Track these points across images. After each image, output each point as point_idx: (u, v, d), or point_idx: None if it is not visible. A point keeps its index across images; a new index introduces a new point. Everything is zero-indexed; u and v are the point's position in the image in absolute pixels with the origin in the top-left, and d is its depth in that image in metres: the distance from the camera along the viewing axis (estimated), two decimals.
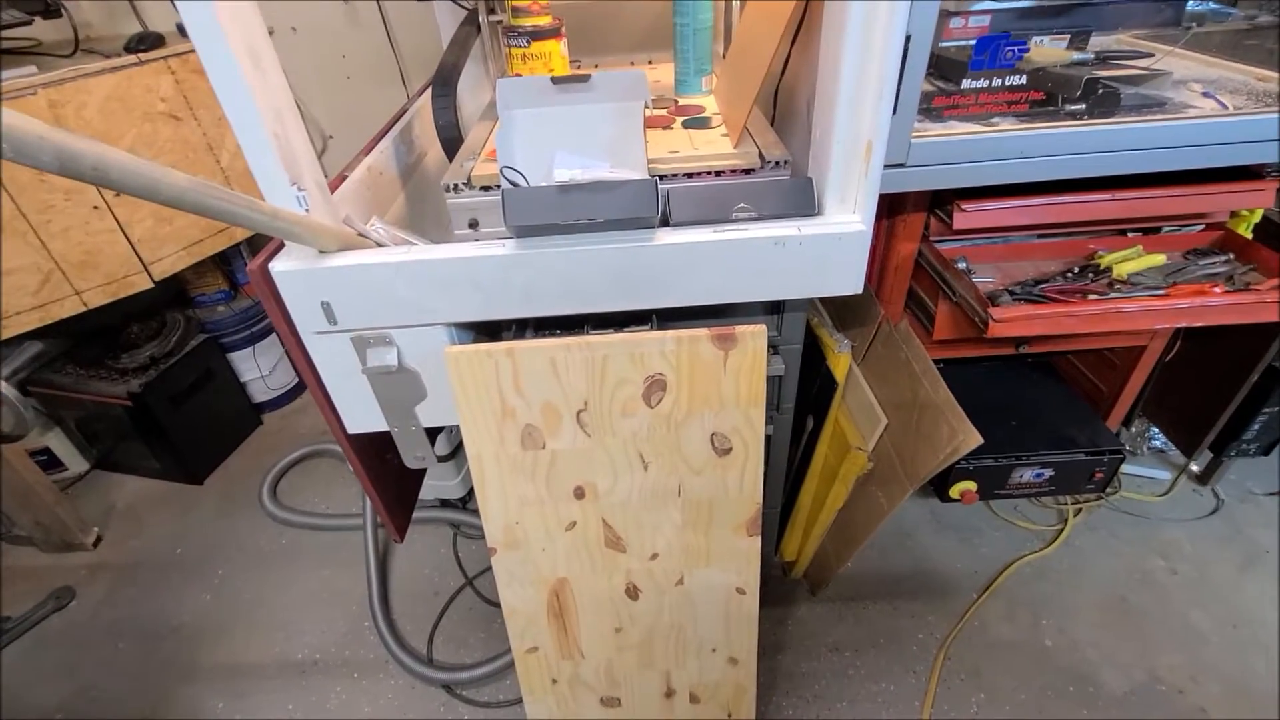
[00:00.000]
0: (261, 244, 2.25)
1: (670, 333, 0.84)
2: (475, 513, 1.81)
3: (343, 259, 0.80)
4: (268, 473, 2.02)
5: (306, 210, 0.78)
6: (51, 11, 1.51)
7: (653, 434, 0.91)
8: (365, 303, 0.82)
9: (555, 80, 0.79)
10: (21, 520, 1.78)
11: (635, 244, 0.79)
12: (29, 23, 1.42)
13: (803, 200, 0.81)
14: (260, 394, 2.28)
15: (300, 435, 2.22)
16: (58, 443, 2.02)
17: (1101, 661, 1.42)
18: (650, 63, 1.48)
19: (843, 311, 1.42)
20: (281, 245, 0.84)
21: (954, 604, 1.54)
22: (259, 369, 2.21)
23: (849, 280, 0.84)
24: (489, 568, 1.70)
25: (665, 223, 0.82)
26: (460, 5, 1.52)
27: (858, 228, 0.79)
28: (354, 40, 1.90)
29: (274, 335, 2.24)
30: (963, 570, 1.62)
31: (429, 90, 1.43)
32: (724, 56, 1.33)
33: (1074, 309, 1.07)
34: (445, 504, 1.83)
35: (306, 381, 0.93)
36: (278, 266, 0.79)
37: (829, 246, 0.80)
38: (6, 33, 1.52)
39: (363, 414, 0.96)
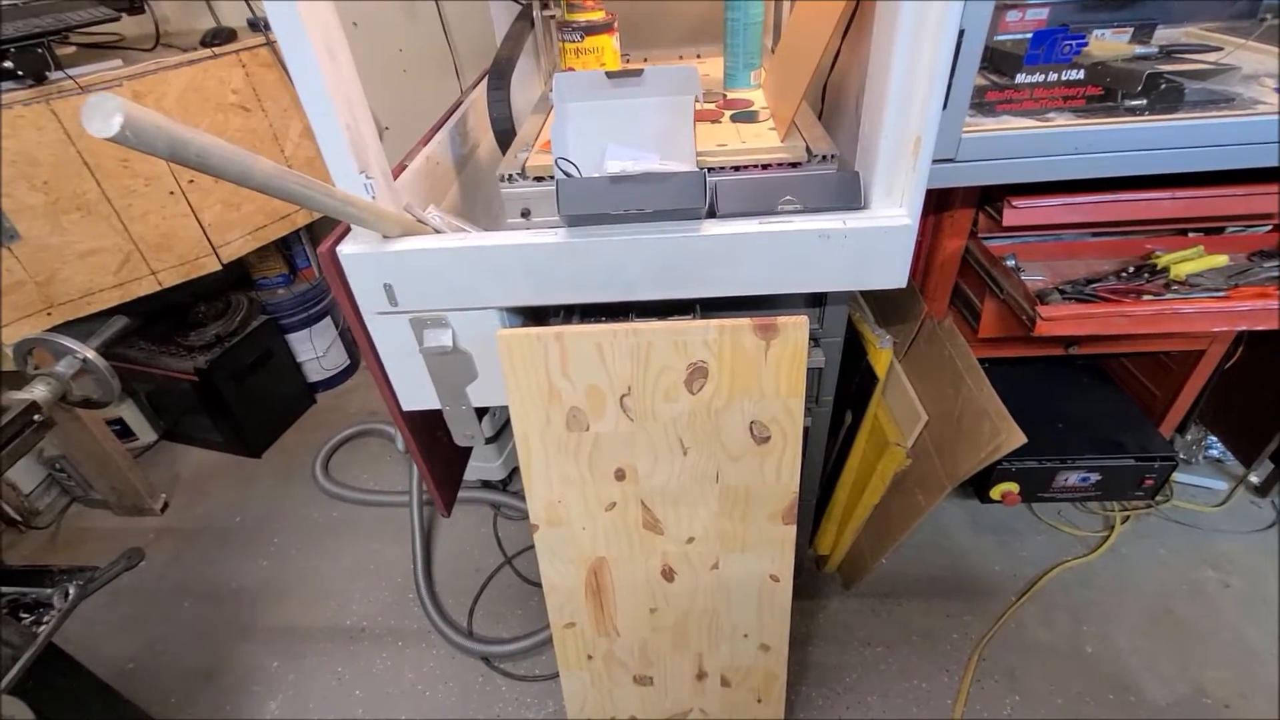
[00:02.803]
0: (321, 232, 2.35)
1: (713, 322, 0.86)
2: (515, 494, 1.87)
3: (405, 244, 0.85)
4: (320, 449, 2.11)
5: (373, 197, 0.82)
6: (136, 8, 1.61)
7: (693, 420, 0.93)
8: (424, 286, 0.87)
9: (610, 75, 0.82)
10: (99, 484, 1.91)
11: (682, 234, 0.81)
12: (117, 18, 1.52)
13: (849, 194, 0.82)
14: (314, 374, 2.38)
15: (351, 414, 2.32)
16: (130, 414, 2.16)
17: (1144, 671, 1.39)
18: (699, 56, 1.50)
19: (885, 306, 1.41)
20: (348, 230, 0.90)
21: (991, 605, 1.53)
22: (314, 350, 2.31)
23: (893, 275, 0.84)
24: (527, 548, 1.76)
25: (712, 214, 0.84)
26: (515, 0, 1.56)
27: (903, 222, 0.80)
28: (411, 35, 1.96)
29: (329, 318, 2.34)
30: (1001, 573, 1.60)
31: (483, 83, 1.48)
32: (773, 51, 1.34)
33: (1127, 309, 1.05)
34: (487, 485, 1.90)
35: (366, 359, 0.98)
36: (345, 250, 0.84)
37: (874, 240, 0.81)
38: (93, 27, 1.62)
39: (417, 392, 1.01)
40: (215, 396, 2.01)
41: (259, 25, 1.79)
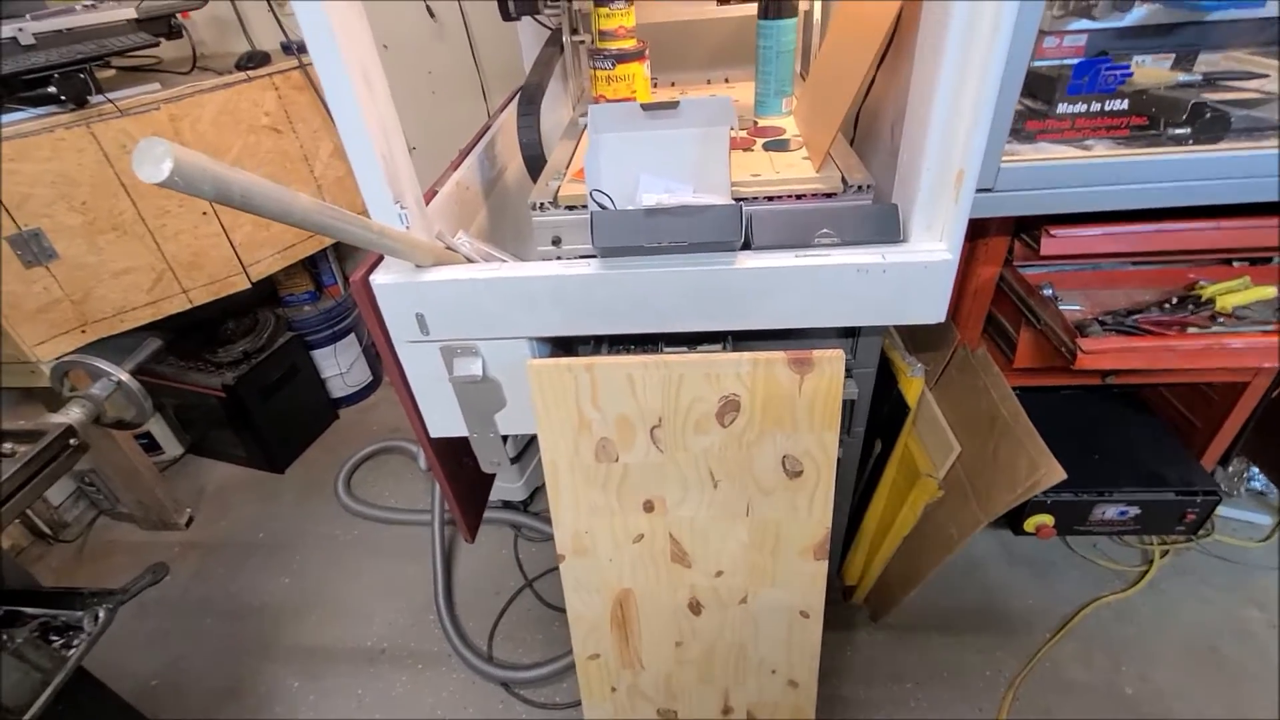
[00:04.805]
0: (347, 249, 2.38)
1: (746, 355, 0.85)
2: (537, 515, 1.86)
3: (437, 274, 0.84)
4: (342, 466, 2.12)
5: (407, 226, 0.82)
6: (174, 33, 1.64)
7: (724, 453, 0.92)
8: (456, 315, 0.86)
9: (645, 106, 0.81)
10: (126, 498, 1.93)
11: (716, 267, 0.80)
12: (156, 43, 1.56)
13: (887, 227, 0.81)
14: (338, 390, 2.40)
15: (373, 431, 2.33)
16: (157, 428, 2.18)
17: (1188, 715, 1.33)
18: (726, 80, 1.49)
19: (916, 333, 1.39)
20: (380, 258, 0.90)
21: (1025, 642, 1.48)
22: (339, 366, 2.33)
23: (932, 310, 0.83)
24: (549, 570, 1.74)
25: (746, 246, 0.83)
26: (544, 25, 1.57)
27: (944, 257, 0.78)
28: (440, 57, 1.98)
29: (353, 335, 2.36)
30: (1035, 607, 1.55)
31: (511, 106, 1.49)
32: (802, 78, 1.33)
33: (1172, 343, 1.02)
34: (508, 505, 1.89)
35: (395, 386, 0.98)
36: (379, 280, 0.84)
37: (914, 275, 0.79)
38: (132, 51, 1.66)
39: (445, 419, 1.01)
40: (242, 412, 2.03)
41: (292, 49, 1.82)
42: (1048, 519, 1.37)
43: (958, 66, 0.70)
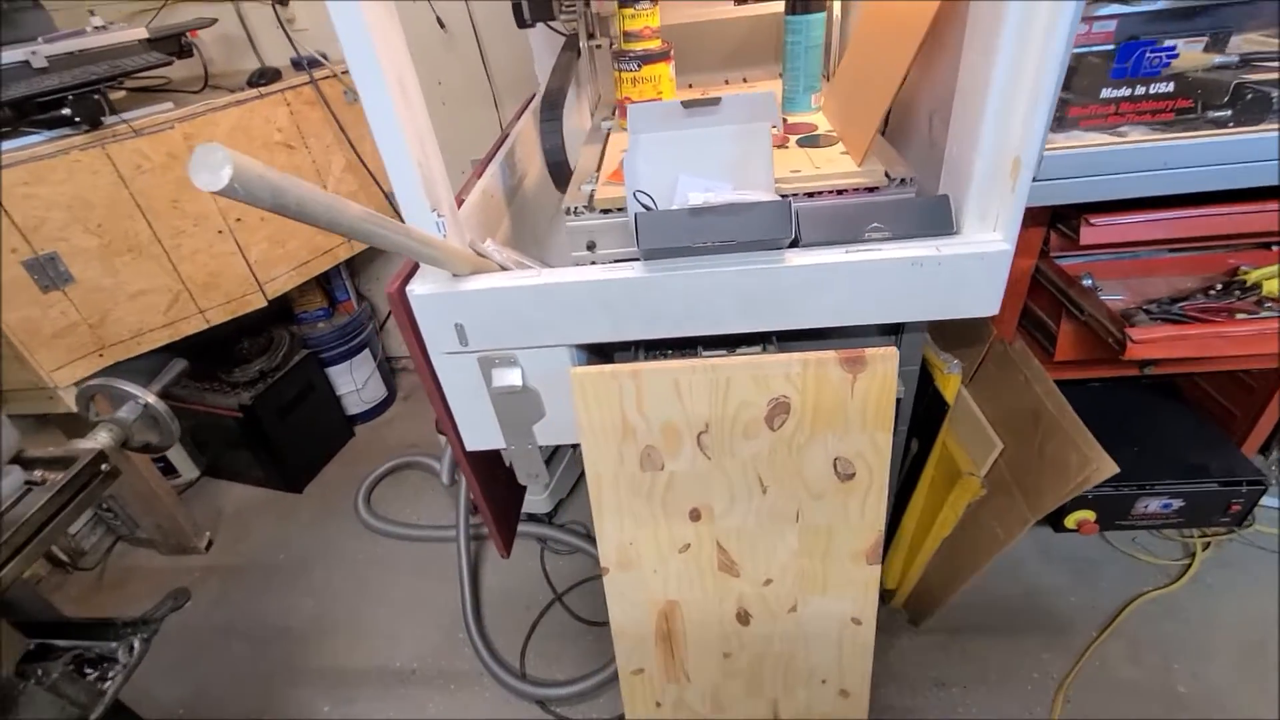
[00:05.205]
0: (360, 265, 2.37)
1: (796, 355, 0.83)
2: (562, 527, 1.83)
3: (477, 282, 0.82)
4: (361, 483, 2.09)
5: (444, 235, 0.80)
6: (185, 52, 1.63)
7: (773, 457, 0.89)
8: (496, 324, 0.84)
9: (685, 104, 0.79)
10: (145, 523, 1.90)
11: (765, 265, 0.78)
12: (169, 63, 1.54)
13: (939, 219, 0.78)
14: (354, 406, 2.38)
15: (390, 447, 2.30)
16: (173, 451, 2.16)
17: (1244, 712, 1.30)
18: (744, 80, 1.48)
19: (946, 329, 1.36)
20: (414, 270, 0.88)
21: (1071, 641, 1.45)
22: (354, 382, 2.31)
23: (987, 302, 0.80)
24: (578, 584, 1.71)
25: (794, 243, 0.80)
26: (558, 31, 1.56)
27: (1000, 247, 0.76)
28: (450, 66, 1.97)
29: (367, 350, 2.34)
30: (1077, 605, 1.52)
31: (526, 114, 1.47)
32: (827, 75, 1.31)
33: (1224, 329, 0.99)
34: (532, 518, 1.86)
35: (432, 400, 0.95)
36: (417, 290, 0.82)
37: (969, 267, 0.77)
38: (144, 71, 1.65)
39: (482, 432, 0.99)
40: (259, 432, 2.01)
41: (302, 64, 1.81)
42: (1089, 514, 1.34)
43: (1014, 52, 0.68)
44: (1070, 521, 1.35)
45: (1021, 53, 0.67)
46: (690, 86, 1.48)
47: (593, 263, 0.92)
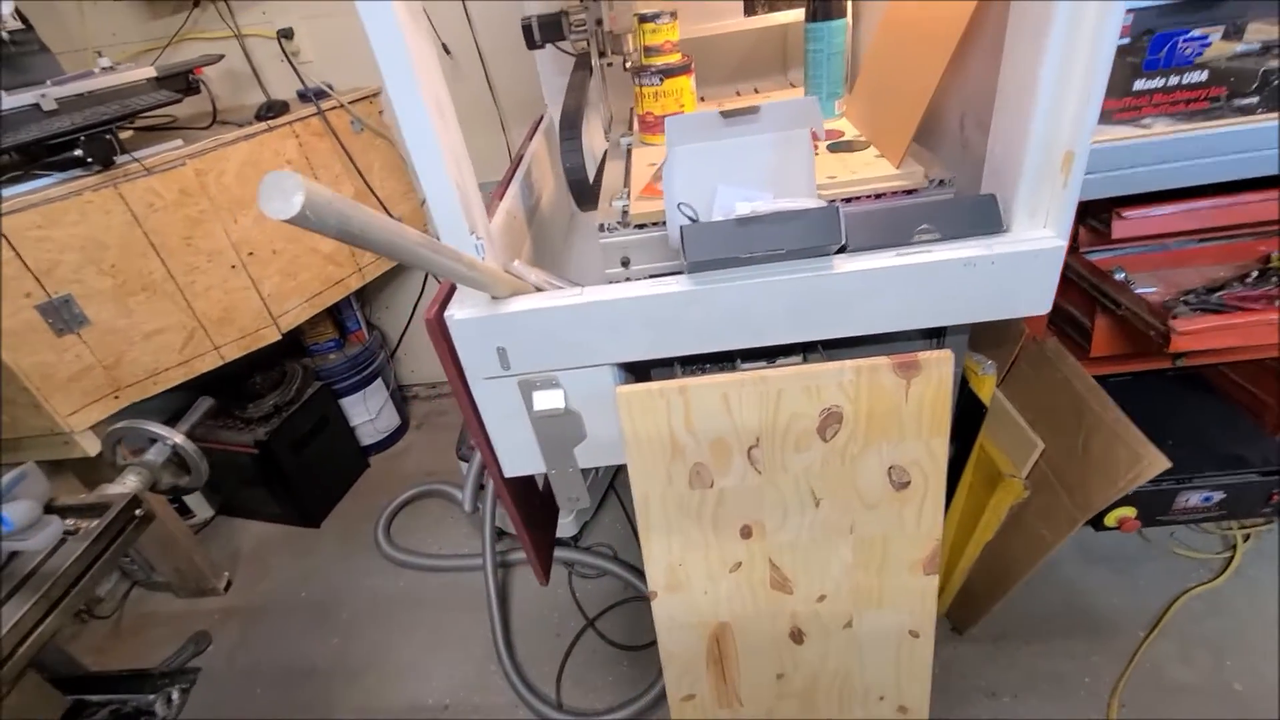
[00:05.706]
0: (370, 295, 2.35)
1: (848, 363, 0.81)
2: (588, 550, 1.80)
3: (518, 304, 0.80)
4: (380, 515, 2.06)
5: (484, 258, 0.79)
6: (192, 89, 1.63)
7: (826, 469, 0.87)
8: (539, 346, 0.82)
9: (724, 113, 0.78)
10: (162, 566, 1.86)
11: (814, 273, 0.76)
12: (178, 100, 1.54)
13: (988, 218, 0.77)
14: (367, 437, 2.34)
15: (406, 476, 2.26)
16: None
17: None
18: (756, 90, 1.48)
19: (976, 331, 1.35)
20: (450, 294, 0.86)
21: (1119, 643, 1.41)
22: (368, 413, 2.28)
23: (1039, 299, 0.79)
24: (609, 608, 1.67)
25: (841, 249, 0.79)
26: (566, 52, 1.56)
27: (1054, 243, 0.75)
28: (456, 92, 1.96)
29: (379, 380, 2.31)
30: (1121, 605, 1.49)
31: (538, 135, 1.47)
32: (847, 81, 1.31)
33: (1270, 317, 0.98)
34: (559, 542, 1.82)
35: (470, 427, 0.93)
36: (456, 315, 0.80)
37: (1022, 265, 0.75)
38: (152, 110, 1.65)
39: (521, 457, 0.96)
40: (274, 468, 1.97)
41: (309, 96, 1.81)
42: (1130, 511, 1.32)
43: (1063, 49, 0.67)
44: (1111, 519, 1.33)
45: (1071, 49, 0.67)
46: (703, 100, 1.48)
47: (627, 279, 0.91)
